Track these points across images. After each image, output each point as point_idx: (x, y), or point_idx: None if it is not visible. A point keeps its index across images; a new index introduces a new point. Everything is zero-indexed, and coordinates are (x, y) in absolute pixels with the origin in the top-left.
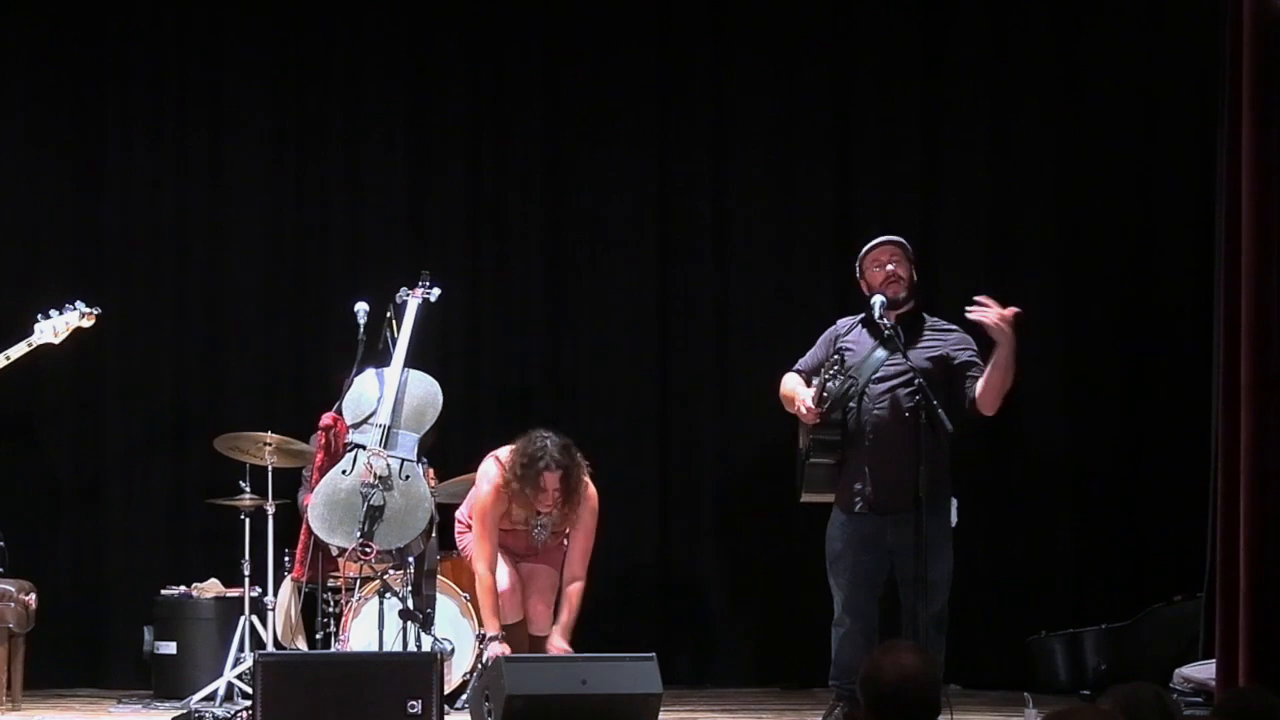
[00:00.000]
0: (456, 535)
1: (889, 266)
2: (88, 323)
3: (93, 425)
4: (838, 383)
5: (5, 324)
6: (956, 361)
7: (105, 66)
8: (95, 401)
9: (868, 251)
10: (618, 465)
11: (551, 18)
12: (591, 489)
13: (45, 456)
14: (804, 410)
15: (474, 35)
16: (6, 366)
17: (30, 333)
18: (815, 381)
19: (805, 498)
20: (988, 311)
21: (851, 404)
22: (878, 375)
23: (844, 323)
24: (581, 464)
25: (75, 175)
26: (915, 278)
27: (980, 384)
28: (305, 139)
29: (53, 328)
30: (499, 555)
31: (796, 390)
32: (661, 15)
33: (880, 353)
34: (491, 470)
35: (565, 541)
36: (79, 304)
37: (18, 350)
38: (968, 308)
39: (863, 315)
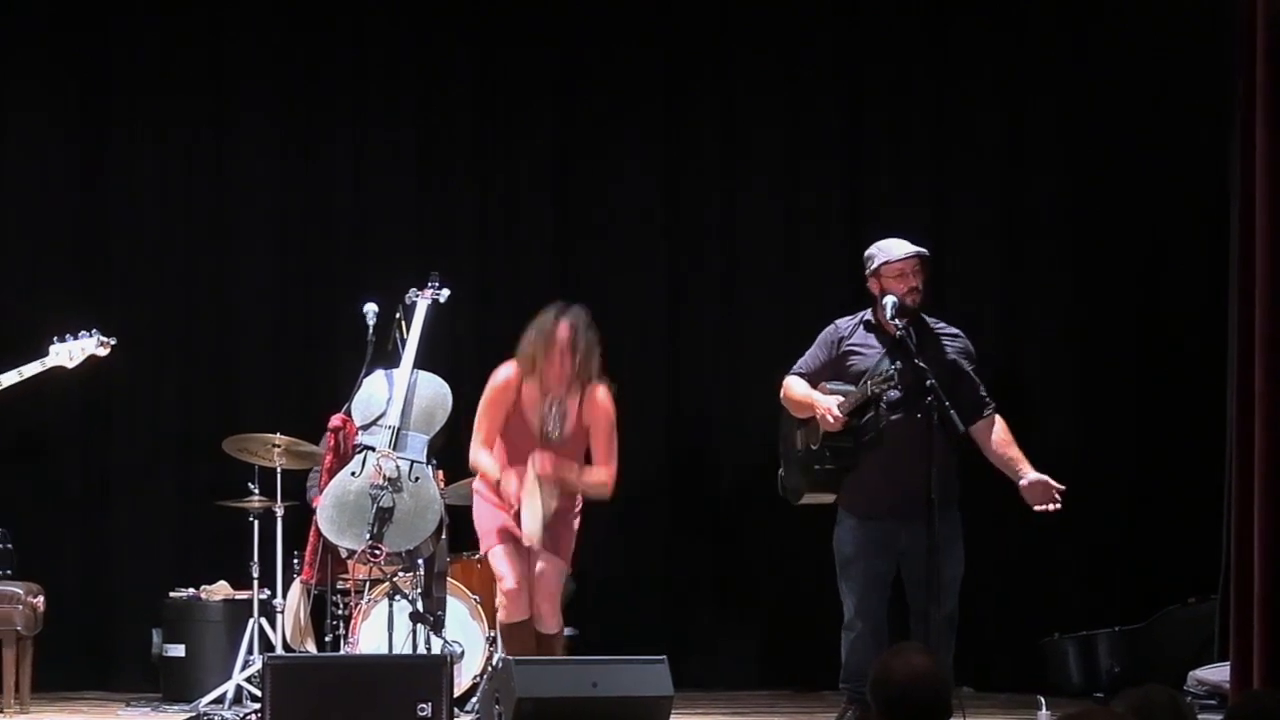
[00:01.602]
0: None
1: (914, 282)
2: (103, 351)
3: (101, 426)
4: (887, 392)
5: (13, 325)
6: (960, 370)
7: (109, 65)
8: (103, 402)
9: (892, 261)
10: (627, 466)
11: (558, 14)
12: (602, 388)
13: (53, 457)
14: (830, 419)
15: (480, 34)
16: (20, 383)
17: (44, 352)
18: (830, 388)
19: (807, 499)
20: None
21: (869, 410)
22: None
23: (844, 324)
24: (594, 333)
25: (80, 176)
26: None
27: (988, 446)
28: (311, 139)
29: (68, 352)
30: (508, 557)
31: (812, 396)
32: (668, 10)
33: (892, 358)
34: (503, 367)
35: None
36: (95, 332)
37: (31, 369)
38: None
39: (863, 317)
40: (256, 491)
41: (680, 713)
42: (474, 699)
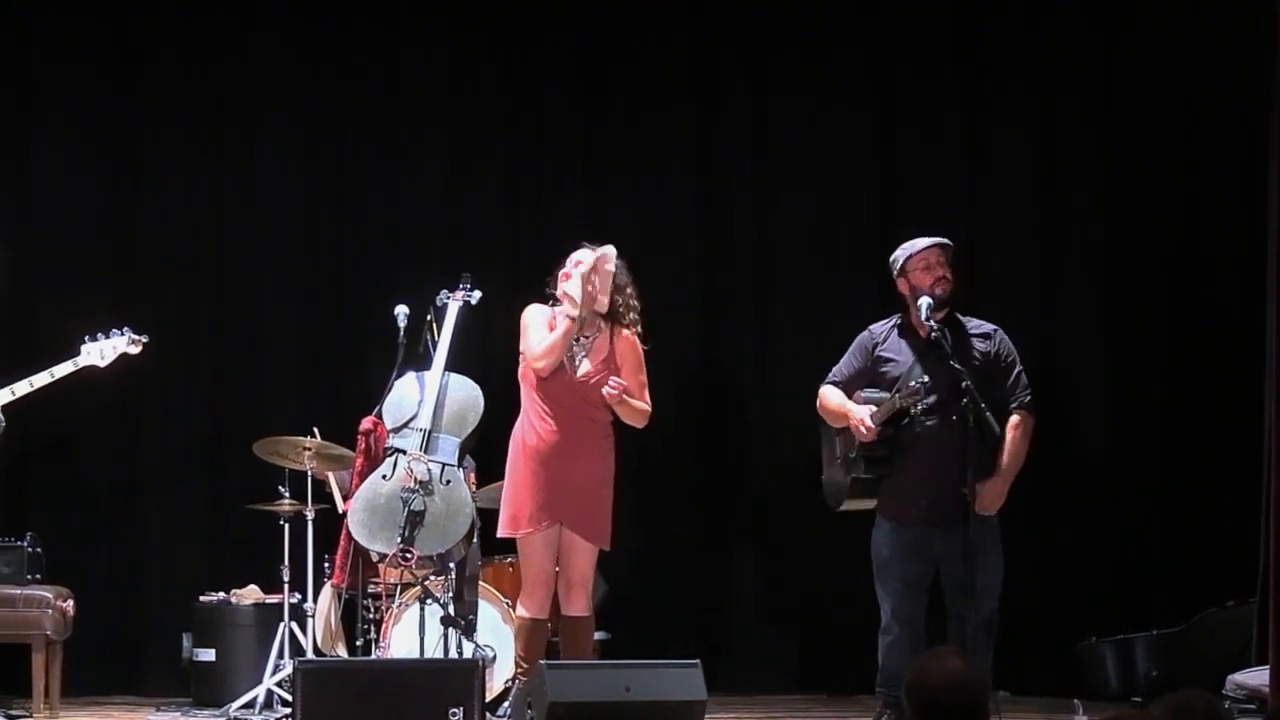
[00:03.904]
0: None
1: (941, 272)
2: (135, 349)
3: (131, 430)
4: (917, 405)
5: (44, 327)
6: (994, 370)
7: (137, 65)
8: (133, 406)
9: (915, 253)
10: (659, 471)
11: (587, 11)
12: (631, 332)
13: (83, 461)
14: (863, 430)
15: (509, 35)
16: (51, 384)
17: (76, 352)
18: (865, 396)
19: (847, 505)
20: None
21: (904, 418)
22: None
23: (878, 329)
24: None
25: (110, 178)
26: (956, 280)
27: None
28: (341, 140)
29: (100, 351)
30: (533, 545)
31: (847, 406)
32: (699, 11)
33: (926, 362)
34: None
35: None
36: (127, 330)
37: (63, 369)
38: None
39: (895, 320)
40: (287, 495)
41: (714, 716)
42: (506, 703)
